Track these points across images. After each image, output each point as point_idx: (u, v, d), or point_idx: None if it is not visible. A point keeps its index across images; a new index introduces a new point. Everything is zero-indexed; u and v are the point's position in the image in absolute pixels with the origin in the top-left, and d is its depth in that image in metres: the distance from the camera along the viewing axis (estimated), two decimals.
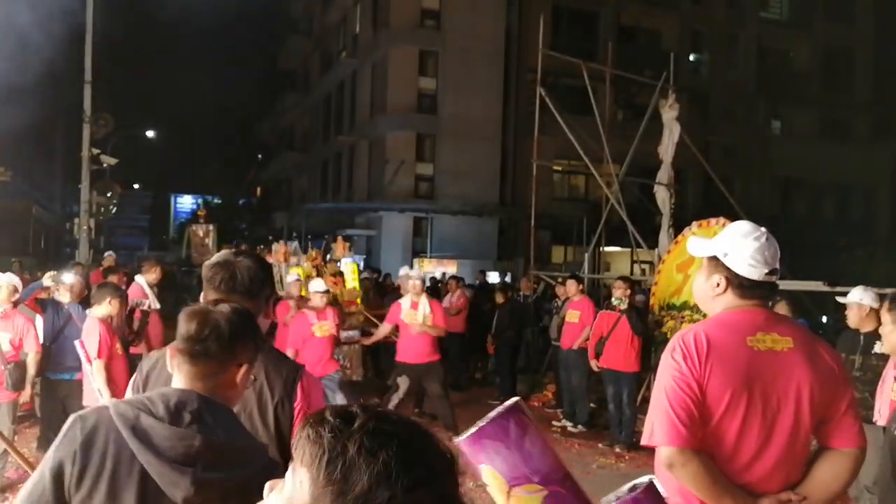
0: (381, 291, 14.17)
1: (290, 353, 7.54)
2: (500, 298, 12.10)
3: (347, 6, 31.40)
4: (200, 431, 1.68)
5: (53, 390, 6.79)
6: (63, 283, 7.61)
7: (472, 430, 1.44)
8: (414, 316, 8.53)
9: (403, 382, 8.71)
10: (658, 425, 2.34)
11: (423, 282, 9.07)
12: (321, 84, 35.11)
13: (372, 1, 28.64)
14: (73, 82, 17.76)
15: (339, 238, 11.84)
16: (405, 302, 8.73)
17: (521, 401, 1.48)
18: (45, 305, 7.40)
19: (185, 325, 1.82)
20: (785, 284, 9.55)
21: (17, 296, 6.48)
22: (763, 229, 2.52)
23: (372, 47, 28.00)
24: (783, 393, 2.36)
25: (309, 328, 7.97)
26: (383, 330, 9.37)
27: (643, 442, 2.43)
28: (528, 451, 1.43)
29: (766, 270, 2.46)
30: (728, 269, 2.49)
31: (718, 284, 2.52)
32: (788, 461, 2.39)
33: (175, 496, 1.64)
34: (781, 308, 7.21)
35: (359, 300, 11.20)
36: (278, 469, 1.67)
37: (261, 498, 1.62)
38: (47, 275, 8.39)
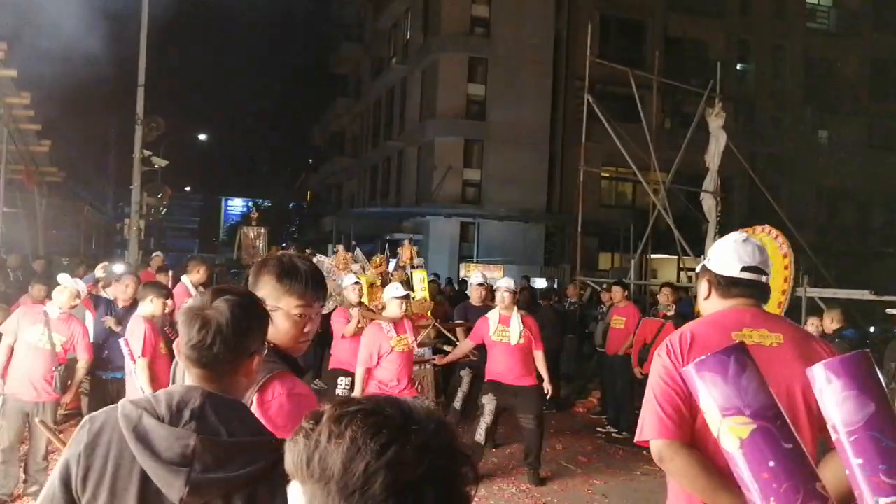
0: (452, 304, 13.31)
1: (360, 373, 6.71)
2: (541, 303, 12.11)
3: (399, 13, 31.66)
4: (198, 431, 1.65)
5: (103, 389, 6.83)
6: (114, 274, 7.76)
7: (697, 360, 1.54)
8: (505, 333, 7.35)
9: (489, 402, 7.35)
10: (647, 420, 2.38)
11: (514, 293, 7.62)
12: (372, 89, 35.42)
13: (423, 8, 28.85)
14: (127, 85, 18.17)
15: (407, 242, 10.25)
16: (493, 317, 7.49)
17: (744, 344, 1.56)
18: (98, 303, 7.53)
19: (186, 331, 1.76)
20: (830, 293, 9.47)
21: (78, 301, 6.54)
22: (745, 234, 2.65)
23: (422, 54, 28.19)
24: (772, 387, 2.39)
25: (387, 341, 6.68)
26: (464, 347, 8.01)
27: (636, 439, 2.46)
28: (744, 386, 1.50)
29: (741, 266, 2.54)
30: (709, 271, 2.61)
31: (705, 289, 2.64)
32: None
33: (172, 497, 1.62)
34: (834, 315, 7.15)
35: (429, 313, 9.62)
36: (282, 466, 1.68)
37: (267, 495, 1.66)
38: (99, 266, 8.60)
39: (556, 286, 18.43)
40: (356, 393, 6.62)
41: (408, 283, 9.62)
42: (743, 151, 16.16)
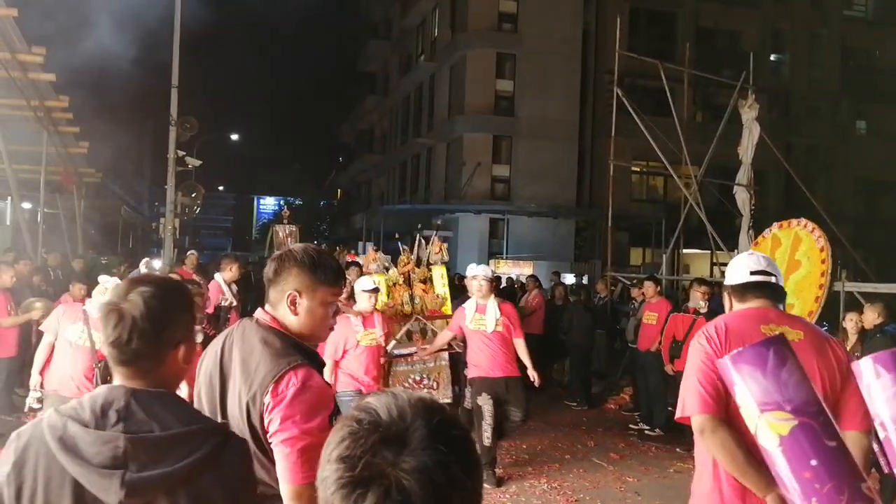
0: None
1: (328, 366, 6.35)
2: (571, 299, 12.10)
3: (426, 10, 31.69)
4: (126, 431, 1.59)
5: None
6: (154, 268, 7.89)
7: (734, 352, 1.44)
8: (482, 321, 7.18)
9: (486, 403, 7.13)
10: (689, 398, 2.66)
11: (492, 281, 7.44)
12: (400, 87, 35.51)
13: (450, 4, 28.86)
14: (162, 87, 18.39)
15: (436, 237, 10.06)
16: (470, 306, 7.32)
17: (784, 336, 1.47)
18: None
19: (103, 328, 1.70)
20: (870, 287, 9.31)
21: None
22: (750, 249, 3.09)
23: (450, 50, 28.20)
24: None
25: (353, 335, 6.61)
26: (442, 338, 7.88)
27: (676, 416, 2.75)
28: (784, 380, 1.41)
29: (749, 271, 2.95)
30: (727, 286, 3.04)
31: (727, 302, 3.06)
32: None
33: (110, 501, 1.55)
34: (878, 309, 6.97)
35: (445, 308, 9.49)
36: (228, 448, 1.67)
37: (214, 483, 1.62)
38: (143, 262, 8.81)
39: (584, 281, 18.38)
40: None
41: (430, 280, 9.54)
42: (778, 143, 15.94)
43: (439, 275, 9.63)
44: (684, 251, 18.00)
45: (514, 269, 20.23)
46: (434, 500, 0.94)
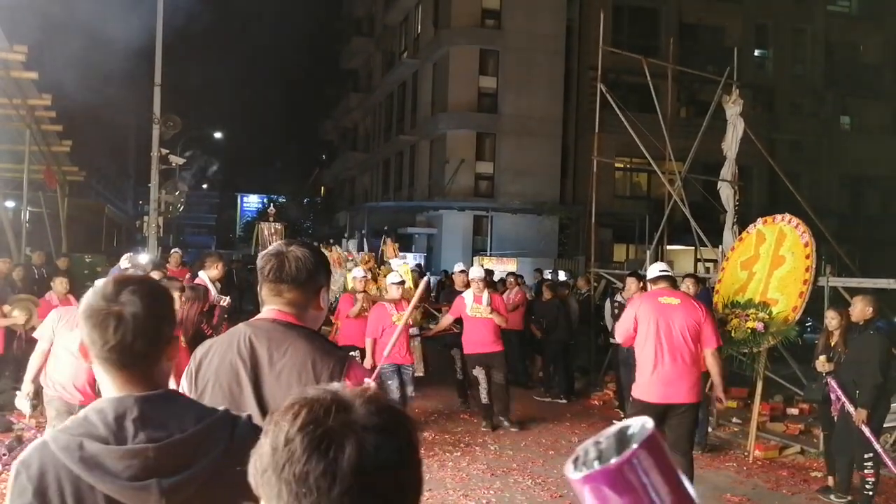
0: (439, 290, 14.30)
1: (368, 344, 8.39)
2: (547, 295, 12.10)
3: (409, 7, 31.65)
4: (149, 440, 1.56)
5: None
6: (139, 264, 7.84)
7: (582, 471, 0.96)
8: (479, 309, 9.09)
9: (479, 373, 9.16)
10: (619, 335, 6.37)
11: (486, 279, 9.58)
12: (383, 84, 35.44)
13: (433, 1, 28.81)
14: (144, 86, 18.29)
15: (389, 240, 12.06)
16: (468, 296, 9.23)
17: (657, 433, 0.97)
18: None
19: (100, 334, 1.64)
20: (854, 283, 9.38)
21: None
22: (661, 263, 6.28)
23: (433, 47, 28.17)
24: (673, 321, 5.93)
25: (388, 318, 8.35)
26: (445, 321, 9.77)
27: (613, 340, 7.43)
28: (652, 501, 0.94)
29: (658, 270, 6.36)
30: (649, 277, 6.44)
31: (650, 285, 6.38)
32: (681, 356, 5.91)
33: None
34: (867, 302, 6.87)
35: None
36: (238, 432, 1.67)
37: (235, 471, 1.46)
38: (124, 257, 8.74)
39: (559, 277, 18.37)
40: (367, 360, 8.26)
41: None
42: (762, 139, 16.00)
43: (403, 270, 11.24)
44: (668, 247, 18.04)
45: (499, 266, 20.22)
46: (405, 431, 1.00)
